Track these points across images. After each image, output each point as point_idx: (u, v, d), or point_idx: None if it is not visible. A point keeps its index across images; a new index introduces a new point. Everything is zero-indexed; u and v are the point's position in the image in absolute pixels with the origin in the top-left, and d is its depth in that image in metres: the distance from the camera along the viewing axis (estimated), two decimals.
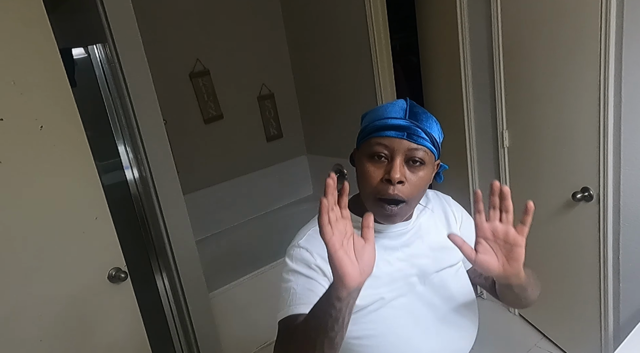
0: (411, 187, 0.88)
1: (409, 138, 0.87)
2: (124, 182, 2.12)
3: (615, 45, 1.63)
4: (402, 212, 0.89)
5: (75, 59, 1.95)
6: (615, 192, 1.79)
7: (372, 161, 0.89)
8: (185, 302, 2.27)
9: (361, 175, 0.91)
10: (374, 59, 2.69)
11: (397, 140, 0.87)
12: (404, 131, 0.87)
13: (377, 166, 0.88)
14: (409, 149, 0.87)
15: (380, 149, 0.87)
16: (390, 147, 0.87)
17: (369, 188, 0.89)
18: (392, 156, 0.87)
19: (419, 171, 0.89)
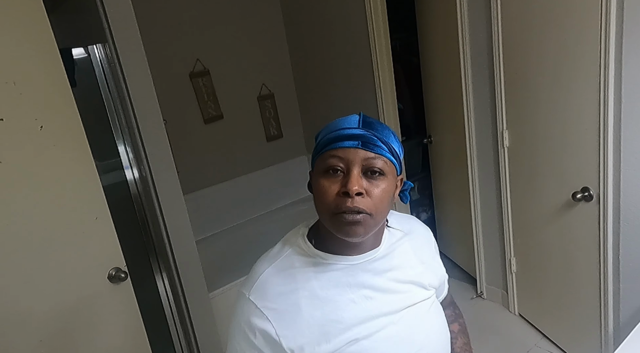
0: (372, 200, 0.79)
1: (364, 147, 0.80)
2: (124, 182, 2.12)
3: (615, 45, 1.63)
4: (365, 222, 0.79)
5: (75, 59, 1.95)
6: (615, 192, 1.79)
7: (327, 176, 0.80)
8: (185, 302, 2.27)
9: (317, 193, 0.82)
10: (374, 59, 2.69)
11: (352, 150, 0.79)
12: (358, 139, 0.80)
13: (332, 181, 0.80)
14: (366, 159, 0.79)
15: (334, 162, 0.80)
16: (345, 159, 0.79)
17: (325, 205, 0.80)
18: (348, 168, 0.79)
19: (379, 182, 0.80)
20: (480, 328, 2.54)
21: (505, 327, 2.52)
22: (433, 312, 0.94)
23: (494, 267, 2.63)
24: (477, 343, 1.99)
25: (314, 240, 0.89)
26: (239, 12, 3.09)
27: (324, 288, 0.85)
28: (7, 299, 1.40)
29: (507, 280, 2.55)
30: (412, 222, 1.02)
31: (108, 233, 1.57)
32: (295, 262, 0.87)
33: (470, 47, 2.32)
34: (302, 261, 0.87)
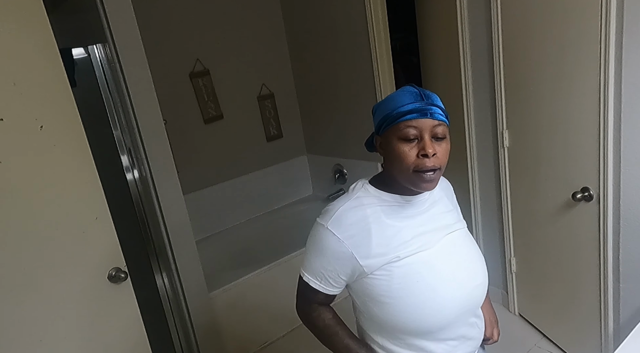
0: (441, 157, 1.04)
1: (431, 117, 1.02)
2: (124, 182, 2.12)
3: (615, 45, 1.63)
4: (437, 177, 1.05)
5: (75, 59, 1.95)
6: (615, 192, 1.79)
7: (405, 142, 1.03)
8: (185, 302, 2.27)
9: (396, 156, 1.04)
10: (374, 59, 2.69)
11: (422, 121, 1.02)
12: (427, 112, 1.02)
13: (410, 146, 1.02)
14: (433, 126, 1.02)
15: (410, 131, 1.02)
16: (419, 127, 1.02)
17: (406, 165, 1.03)
18: (421, 135, 1.02)
19: (443, 143, 1.05)
20: None
21: (505, 327, 2.51)
22: (468, 238, 1.20)
23: (494, 267, 2.63)
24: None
25: (377, 186, 1.13)
26: (239, 12, 3.09)
27: (389, 217, 1.09)
28: (7, 299, 1.40)
29: (507, 280, 2.55)
30: None
31: (108, 233, 1.57)
32: (364, 200, 1.10)
33: (470, 47, 2.32)
34: (370, 200, 1.11)
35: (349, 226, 1.07)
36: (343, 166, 3.26)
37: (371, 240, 1.06)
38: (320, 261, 1.10)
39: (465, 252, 1.16)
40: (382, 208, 1.10)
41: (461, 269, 1.13)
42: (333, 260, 1.08)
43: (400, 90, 1.08)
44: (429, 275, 1.08)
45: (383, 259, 1.06)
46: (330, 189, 3.40)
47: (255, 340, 2.61)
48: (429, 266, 1.08)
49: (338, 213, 1.08)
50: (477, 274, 1.16)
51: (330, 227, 1.07)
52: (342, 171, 3.27)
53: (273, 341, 2.64)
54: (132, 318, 1.67)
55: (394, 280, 1.07)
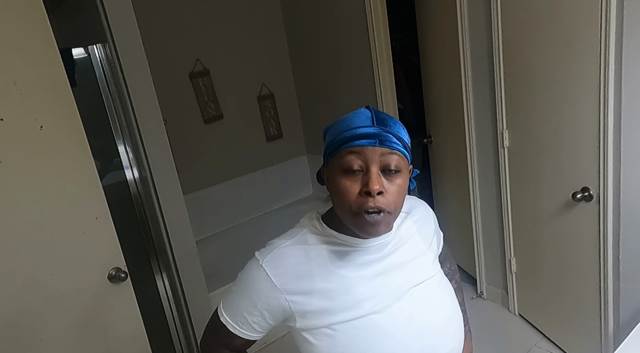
0: (391, 197, 0.84)
1: (381, 144, 0.83)
2: (124, 182, 2.12)
3: (615, 45, 1.63)
4: (385, 220, 0.84)
5: (75, 59, 1.95)
6: (615, 192, 1.79)
7: (347, 175, 0.84)
8: (185, 302, 2.27)
9: (336, 191, 0.86)
10: (374, 59, 2.69)
11: (369, 149, 0.83)
12: (375, 138, 0.83)
13: (352, 180, 0.83)
14: (383, 155, 0.83)
15: (353, 160, 0.83)
16: (364, 156, 0.83)
17: (346, 204, 0.84)
18: (367, 166, 0.83)
19: (396, 179, 0.85)
20: (480, 328, 2.54)
21: (505, 327, 2.52)
22: (441, 289, 0.97)
23: (494, 267, 2.63)
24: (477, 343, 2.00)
25: (328, 223, 0.94)
26: (239, 12, 3.09)
27: (337, 265, 0.90)
28: (7, 299, 1.40)
29: (507, 280, 2.55)
30: (410, 201, 1.05)
31: (108, 233, 1.57)
32: (309, 239, 0.92)
33: (470, 47, 2.32)
34: (317, 239, 0.92)
35: (288, 267, 0.89)
36: None
37: (313, 290, 0.88)
38: (246, 303, 0.91)
39: (433, 310, 0.94)
40: (329, 251, 0.90)
41: (425, 335, 0.91)
42: (261, 305, 0.90)
43: (353, 112, 0.89)
44: (381, 344, 0.88)
45: (323, 316, 0.87)
46: None
47: None
48: (382, 333, 0.88)
49: (277, 251, 0.90)
50: (447, 340, 0.94)
51: (265, 265, 0.89)
52: None
53: (273, 341, 2.64)
54: (132, 318, 1.67)
55: (336, 347, 0.88)
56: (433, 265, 1.00)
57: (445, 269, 1.15)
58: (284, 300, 0.88)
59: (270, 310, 0.90)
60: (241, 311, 0.92)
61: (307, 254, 0.90)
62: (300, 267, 0.89)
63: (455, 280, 1.19)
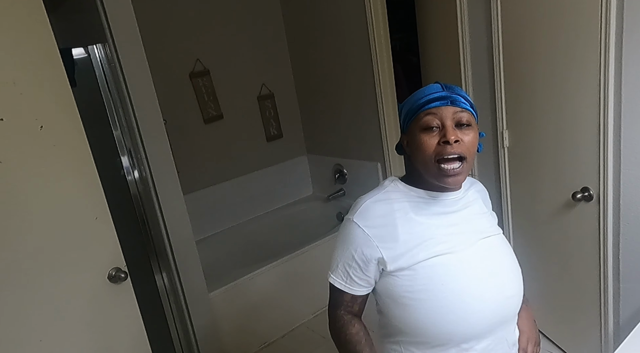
0: (466, 145, 0.97)
1: (452, 104, 0.97)
2: (124, 182, 2.12)
3: (615, 45, 1.63)
4: (463, 170, 0.98)
5: (75, 59, 1.95)
6: (615, 192, 1.79)
7: (425, 132, 0.98)
8: (185, 302, 2.27)
9: (418, 147, 0.99)
10: (374, 59, 2.69)
11: (443, 108, 0.97)
12: (447, 99, 0.97)
13: (431, 135, 0.97)
14: (455, 112, 0.97)
15: (430, 119, 0.97)
16: (439, 115, 0.97)
17: (428, 155, 0.97)
18: (443, 123, 0.96)
19: (468, 131, 0.98)
20: None
21: None
22: (505, 246, 1.11)
23: None
24: None
25: (408, 182, 1.08)
26: (239, 12, 3.09)
27: (417, 213, 1.04)
28: (7, 299, 1.40)
29: None
30: (470, 179, 1.18)
31: (108, 233, 1.57)
32: (392, 195, 1.06)
33: (470, 47, 2.32)
34: (399, 194, 1.06)
35: (376, 219, 1.02)
36: (343, 166, 3.26)
37: (397, 235, 1.01)
38: (346, 256, 1.05)
39: (500, 260, 1.07)
40: (410, 203, 1.04)
41: (493, 277, 1.03)
42: (357, 253, 1.03)
43: (423, 87, 1.04)
44: (456, 279, 1.00)
45: (408, 257, 1.00)
46: (330, 189, 3.39)
47: (255, 340, 2.61)
48: (457, 270, 1.00)
49: (365, 206, 1.04)
50: (511, 285, 1.07)
51: (356, 219, 1.03)
52: (342, 171, 3.27)
53: (273, 341, 2.64)
54: (132, 318, 1.67)
55: (417, 281, 1.00)
56: (497, 227, 1.14)
57: None
58: (375, 247, 1.01)
59: (365, 260, 1.03)
60: (343, 266, 1.05)
61: (390, 207, 1.03)
62: (385, 218, 1.02)
63: None
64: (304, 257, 2.70)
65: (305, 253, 2.71)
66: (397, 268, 1.01)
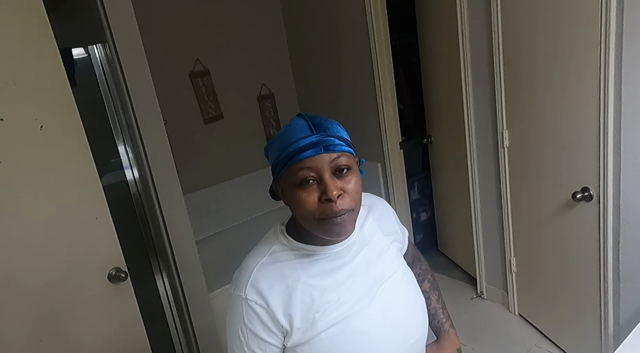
0: (350, 196, 0.86)
1: (326, 150, 0.84)
2: (124, 182, 2.12)
3: (615, 45, 1.63)
4: (350, 218, 0.87)
5: (75, 59, 1.95)
6: (615, 192, 1.79)
7: (302, 187, 0.85)
8: (185, 302, 2.27)
9: (297, 205, 0.87)
10: (374, 59, 2.69)
11: (317, 158, 0.84)
12: (318, 146, 0.84)
13: (309, 191, 0.85)
14: (332, 160, 0.85)
15: (305, 173, 0.84)
16: (315, 167, 0.84)
17: (309, 214, 0.86)
18: (320, 175, 0.84)
19: (349, 177, 0.87)
20: (480, 328, 2.54)
21: (505, 327, 2.52)
22: (407, 281, 1.01)
23: (494, 267, 2.63)
24: (477, 343, 2.01)
25: (293, 235, 0.95)
26: (238, 12, 3.09)
27: (311, 276, 0.92)
28: (7, 299, 1.40)
29: (507, 280, 2.55)
30: (368, 198, 1.06)
31: (108, 233, 1.57)
32: (280, 256, 0.93)
33: (470, 47, 2.32)
34: (286, 255, 0.94)
35: (268, 289, 0.89)
36: None
37: (293, 306, 0.89)
38: (249, 339, 0.91)
39: (403, 304, 0.98)
40: (301, 264, 0.92)
41: (397, 329, 0.95)
42: (264, 333, 0.90)
43: (288, 124, 0.89)
44: (360, 345, 0.91)
45: (304, 329, 0.89)
46: None
47: None
48: (357, 336, 0.91)
49: (253, 276, 0.91)
50: (416, 328, 0.99)
51: (250, 296, 0.89)
52: None
53: None
54: (132, 319, 1.67)
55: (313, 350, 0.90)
56: (397, 259, 1.02)
57: (417, 270, 1.18)
58: (278, 320, 0.89)
59: (274, 334, 0.90)
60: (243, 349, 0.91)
61: (281, 272, 0.91)
62: (277, 285, 0.90)
63: (428, 279, 1.21)
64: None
65: None
66: (294, 344, 0.90)
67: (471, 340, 2.42)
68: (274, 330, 0.90)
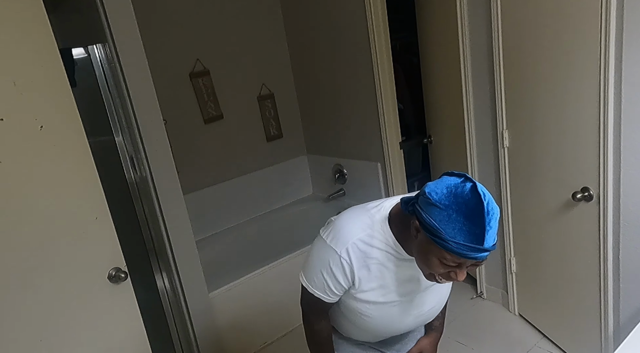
0: None
1: (475, 259, 0.97)
2: (124, 182, 2.12)
3: (615, 45, 1.63)
4: None
5: (75, 59, 1.95)
6: (615, 192, 1.79)
7: (440, 260, 0.99)
8: (185, 302, 2.28)
9: (425, 259, 1.03)
10: (374, 59, 2.69)
11: (469, 261, 0.98)
12: (479, 259, 0.97)
13: (443, 265, 1.00)
14: (474, 264, 1.00)
15: (451, 261, 0.98)
16: (462, 263, 0.99)
17: (429, 269, 1.04)
18: (460, 266, 1.00)
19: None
20: (480, 328, 2.54)
21: (505, 327, 2.52)
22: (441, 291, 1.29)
23: (494, 267, 2.63)
24: (477, 343, 2.01)
25: (393, 227, 1.13)
26: (239, 12, 3.09)
27: (390, 266, 1.15)
28: (7, 299, 1.40)
29: (507, 280, 2.55)
30: None
31: (108, 233, 1.57)
32: (375, 241, 1.13)
33: (470, 47, 2.32)
34: (381, 245, 1.13)
35: (357, 259, 1.13)
36: (343, 166, 3.26)
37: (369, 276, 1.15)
38: (329, 280, 1.17)
39: (427, 309, 1.28)
40: (387, 257, 1.14)
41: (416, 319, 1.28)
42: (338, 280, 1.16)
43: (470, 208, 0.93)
44: (381, 323, 1.24)
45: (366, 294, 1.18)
46: (330, 189, 3.39)
47: (255, 340, 2.61)
48: (387, 317, 1.23)
49: (350, 245, 1.13)
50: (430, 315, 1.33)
51: (343, 255, 1.13)
52: (342, 171, 3.27)
53: (273, 341, 2.64)
54: (132, 318, 1.67)
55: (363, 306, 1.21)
56: None
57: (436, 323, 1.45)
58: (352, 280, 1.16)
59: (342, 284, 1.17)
60: (324, 286, 1.18)
61: (370, 254, 1.13)
62: (364, 260, 1.13)
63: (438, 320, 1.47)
64: (304, 257, 2.67)
65: (305, 253, 2.69)
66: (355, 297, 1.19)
67: (471, 340, 2.42)
68: (347, 279, 1.16)
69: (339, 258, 1.13)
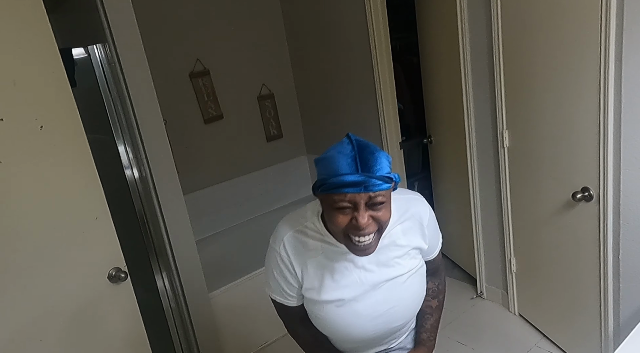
0: (379, 221, 0.99)
1: (366, 190, 0.94)
2: (124, 182, 2.12)
3: (615, 45, 1.63)
4: (374, 241, 1.01)
5: (75, 59, 1.95)
6: (615, 192, 1.79)
7: (339, 211, 0.98)
8: (185, 302, 2.28)
9: (329, 219, 1.02)
10: (374, 59, 2.69)
11: (356, 195, 0.94)
12: (360, 186, 0.94)
13: (343, 213, 0.98)
14: (368, 198, 0.95)
15: (342, 204, 0.96)
16: (352, 200, 0.95)
17: (339, 230, 1.00)
18: (355, 206, 0.96)
19: (382, 208, 0.98)
20: (480, 328, 2.54)
21: (505, 327, 2.52)
22: (405, 287, 1.17)
23: (494, 267, 2.63)
24: (477, 343, 2.01)
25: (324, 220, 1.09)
26: (239, 12, 3.09)
27: (327, 259, 1.12)
28: (7, 299, 1.40)
29: (507, 280, 2.55)
30: (407, 204, 1.18)
31: (108, 233, 1.57)
32: (309, 232, 1.12)
33: (470, 47, 2.32)
34: (315, 235, 1.11)
35: (294, 251, 1.12)
36: None
37: (307, 273, 1.13)
38: (280, 280, 1.17)
39: (395, 301, 1.17)
40: (323, 248, 1.11)
41: (383, 316, 1.17)
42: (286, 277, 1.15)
43: (338, 146, 0.99)
44: (351, 320, 1.15)
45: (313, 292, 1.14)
46: None
47: (255, 340, 2.61)
48: (352, 313, 1.14)
49: (285, 240, 1.12)
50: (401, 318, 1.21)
51: (281, 252, 1.13)
52: None
53: (272, 341, 2.64)
54: (132, 319, 1.67)
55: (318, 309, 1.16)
56: (405, 266, 1.16)
57: (432, 286, 1.33)
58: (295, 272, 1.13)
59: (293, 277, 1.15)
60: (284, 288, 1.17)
61: (306, 246, 1.12)
62: (300, 255, 1.12)
63: (438, 299, 1.35)
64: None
65: None
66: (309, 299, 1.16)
67: (471, 340, 2.42)
68: (293, 274, 1.14)
69: (278, 253, 1.13)
